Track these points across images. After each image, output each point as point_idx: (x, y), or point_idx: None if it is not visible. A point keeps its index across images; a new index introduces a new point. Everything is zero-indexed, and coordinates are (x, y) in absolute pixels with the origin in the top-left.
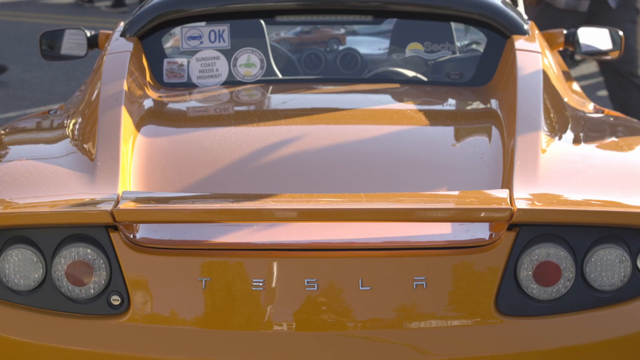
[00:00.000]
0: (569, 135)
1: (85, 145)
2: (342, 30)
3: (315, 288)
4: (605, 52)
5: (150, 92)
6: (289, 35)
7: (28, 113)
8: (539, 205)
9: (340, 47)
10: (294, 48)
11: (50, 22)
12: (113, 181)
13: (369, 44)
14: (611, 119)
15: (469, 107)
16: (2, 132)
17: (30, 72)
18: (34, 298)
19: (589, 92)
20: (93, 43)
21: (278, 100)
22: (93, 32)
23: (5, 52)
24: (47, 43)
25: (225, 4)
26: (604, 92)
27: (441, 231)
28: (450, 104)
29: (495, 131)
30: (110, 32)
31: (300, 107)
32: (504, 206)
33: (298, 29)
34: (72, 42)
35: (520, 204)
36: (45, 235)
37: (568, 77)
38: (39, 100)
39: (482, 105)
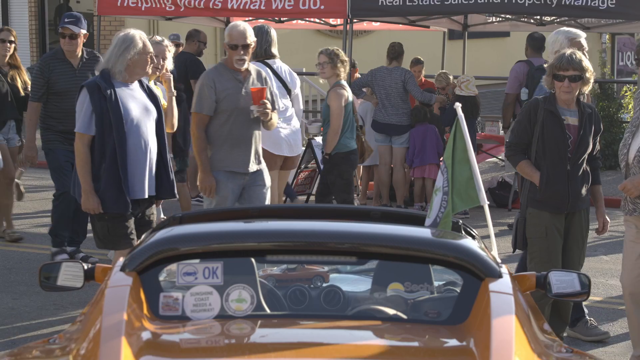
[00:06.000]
0: None
1: None
2: (326, 268)
3: None
4: (574, 295)
5: (147, 324)
6: (275, 272)
7: (17, 342)
8: None
9: (324, 284)
10: (280, 284)
11: (38, 251)
12: None
13: (352, 282)
14: (579, 357)
15: (445, 345)
16: (5, 359)
17: (19, 300)
18: None
19: None
20: (89, 276)
21: (266, 334)
22: (90, 266)
23: None
24: (44, 275)
25: (217, 243)
26: None
27: None
28: (428, 341)
29: None
30: (106, 265)
31: (286, 341)
32: None
33: (284, 265)
34: (69, 274)
35: None
36: None
37: (539, 317)
38: (27, 328)
39: (458, 343)
